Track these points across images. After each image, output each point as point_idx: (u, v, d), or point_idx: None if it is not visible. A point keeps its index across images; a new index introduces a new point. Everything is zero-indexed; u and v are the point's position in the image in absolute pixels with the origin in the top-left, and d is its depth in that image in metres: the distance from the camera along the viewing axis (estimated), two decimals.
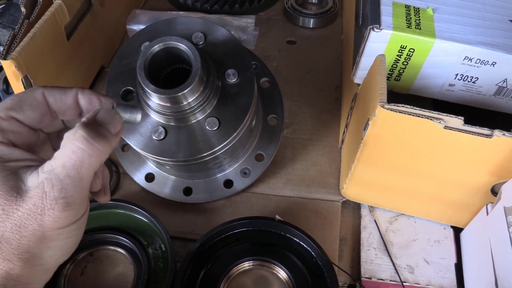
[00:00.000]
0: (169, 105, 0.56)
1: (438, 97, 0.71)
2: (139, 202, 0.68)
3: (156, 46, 0.54)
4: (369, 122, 0.58)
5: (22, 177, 0.36)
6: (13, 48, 0.63)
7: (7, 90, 0.83)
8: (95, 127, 0.38)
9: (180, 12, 0.97)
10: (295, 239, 0.65)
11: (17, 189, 0.35)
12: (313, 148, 0.79)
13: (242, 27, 0.93)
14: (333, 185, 0.74)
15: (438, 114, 0.55)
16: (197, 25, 0.61)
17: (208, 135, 0.59)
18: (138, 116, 0.43)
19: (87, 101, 0.42)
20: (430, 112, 0.55)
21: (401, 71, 0.68)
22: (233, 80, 0.60)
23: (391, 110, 0.55)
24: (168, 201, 0.72)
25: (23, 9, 0.69)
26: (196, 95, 0.56)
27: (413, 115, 0.55)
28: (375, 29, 0.64)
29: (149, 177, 0.73)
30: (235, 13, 0.99)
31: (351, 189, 0.70)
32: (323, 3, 1.05)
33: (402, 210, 0.71)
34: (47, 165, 0.36)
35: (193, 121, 0.59)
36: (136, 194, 0.74)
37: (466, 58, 0.64)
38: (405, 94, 0.71)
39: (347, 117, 0.75)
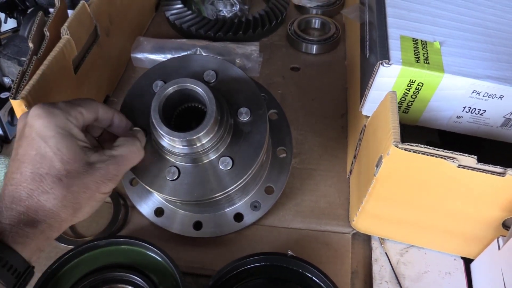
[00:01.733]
0: (182, 146, 0.56)
1: (445, 128, 0.71)
2: (148, 237, 0.67)
3: (171, 88, 0.54)
4: (382, 159, 0.58)
5: (86, 153, 0.51)
6: (22, 86, 0.63)
7: (12, 121, 0.82)
8: (139, 141, 0.56)
9: (184, 40, 0.96)
10: (307, 274, 0.65)
11: (86, 162, 0.50)
12: (321, 179, 0.79)
13: (247, 54, 0.93)
14: (343, 217, 0.74)
15: (452, 153, 0.55)
16: (210, 63, 0.61)
17: (221, 175, 0.59)
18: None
19: (119, 119, 0.58)
20: (443, 151, 0.55)
21: (410, 104, 0.69)
22: (245, 118, 0.60)
23: (405, 150, 0.55)
24: (178, 236, 0.71)
25: (31, 45, 0.69)
26: (210, 136, 0.56)
27: (427, 155, 0.55)
28: (385, 64, 0.64)
29: (158, 211, 0.72)
30: (239, 39, 0.99)
31: (362, 222, 0.71)
32: (325, 29, 1.06)
33: (412, 241, 0.72)
34: (109, 151, 0.53)
35: (206, 161, 0.59)
36: (145, 228, 0.73)
37: (474, 92, 0.65)
38: (414, 125, 0.72)
39: (356, 148, 0.75)
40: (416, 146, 0.55)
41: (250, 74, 0.94)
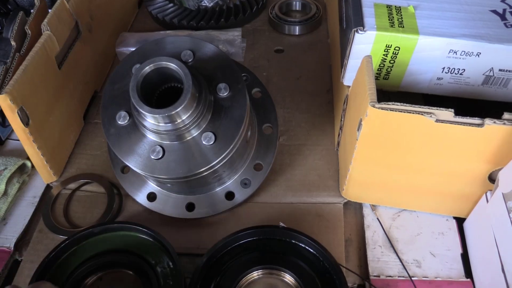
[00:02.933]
0: (163, 124, 0.57)
1: (427, 91, 0.72)
2: (143, 222, 0.68)
3: (147, 67, 0.55)
4: (362, 122, 0.59)
5: None
6: (6, 82, 0.64)
7: (4, 123, 0.84)
8: None
9: (168, 31, 0.98)
10: (300, 244, 0.65)
11: None
12: (310, 153, 0.80)
13: (230, 40, 0.94)
14: (333, 188, 0.75)
15: (429, 108, 0.56)
16: (185, 43, 0.62)
17: (205, 150, 0.60)
18: None
19: None
20: (420, 107, 0.56)
21: (389, 69, 0.69)
22: (224, 94, 0.61)
23: (381, 109, 0.56)
24: (172, 219, 0.72)
25: (13, 43, 0.70)
26: (190, 111, 0.57)
27: (404, 112, 0.56)
28: (359, 31, 0.65)
29: (151, 197, 0.73)
30: (222, 27, 1.00)
31: (351, 190, 0.71)
32: (306, 10, 1.06)
33: (403, 205, 0.72)
34: None
35: (189, 138, 0.60)
36: (140, 215, 0.75)
37: (451, 51, 0.66)
38: (395, 92, 0.73)
39: (341, 120, 0.76)
40: (393, 104, 0.56)
41: (235, 59, 0.94)
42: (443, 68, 0.68)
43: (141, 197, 0.73)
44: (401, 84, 0.72)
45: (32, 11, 0.75)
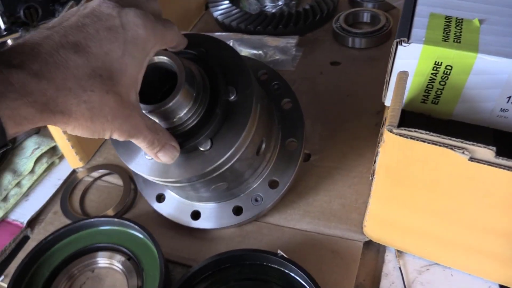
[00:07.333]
0: (157, 120, 0.53)
1: (488, 124, 0.58)
2: (150, 223, 0.67)
3: None
4: (379, 149, 0.49)
5: None
6: None
7: None
8: None
9: (223, 34, 0.95)
10: (297, 277, 0.57)
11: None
12: (340, 178, 0.71)
13: (281, 47, 0.88)
14: (357, 222, 0.65)
15: (462, 142, 0.44)
16: (199, 41, 0.59)
17: (198, 155, 0.55)
18: None
19: None
20: (451, 139, 0.45)
21: (439, 92, 0.58)
22: (231, 97, 0.56)
23: (400, 136, 0.46)
24: (178, 225, 0.68)
25: None
26: (186, 109, 0.52)
27: (429, 143, 0.45)
28: (403, 43, 0.55)
29: (160, 198, 0.70)
30: (279, 34, 0.95)
31: (372, 228, 0.61)
32: (375, 22, 0.96)
33: (435, 258, 0.59)
34: None
35: None
36: (149, 214, 0.72)
37: None
38: (459, 122, 0.60)
39: (377, 145, 0.65)
40: (415, 131, 0.46)
41: (284, 68, 0.89)
42: (509, 97, 0.55)
43: (151, 197, 0.71)
44: (454, 112, 0.59)
45: None
